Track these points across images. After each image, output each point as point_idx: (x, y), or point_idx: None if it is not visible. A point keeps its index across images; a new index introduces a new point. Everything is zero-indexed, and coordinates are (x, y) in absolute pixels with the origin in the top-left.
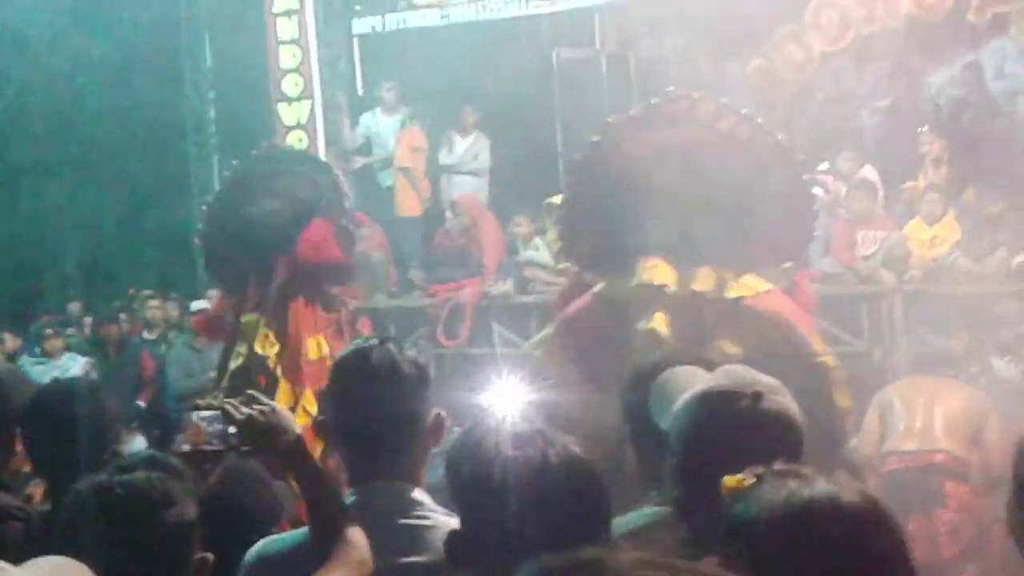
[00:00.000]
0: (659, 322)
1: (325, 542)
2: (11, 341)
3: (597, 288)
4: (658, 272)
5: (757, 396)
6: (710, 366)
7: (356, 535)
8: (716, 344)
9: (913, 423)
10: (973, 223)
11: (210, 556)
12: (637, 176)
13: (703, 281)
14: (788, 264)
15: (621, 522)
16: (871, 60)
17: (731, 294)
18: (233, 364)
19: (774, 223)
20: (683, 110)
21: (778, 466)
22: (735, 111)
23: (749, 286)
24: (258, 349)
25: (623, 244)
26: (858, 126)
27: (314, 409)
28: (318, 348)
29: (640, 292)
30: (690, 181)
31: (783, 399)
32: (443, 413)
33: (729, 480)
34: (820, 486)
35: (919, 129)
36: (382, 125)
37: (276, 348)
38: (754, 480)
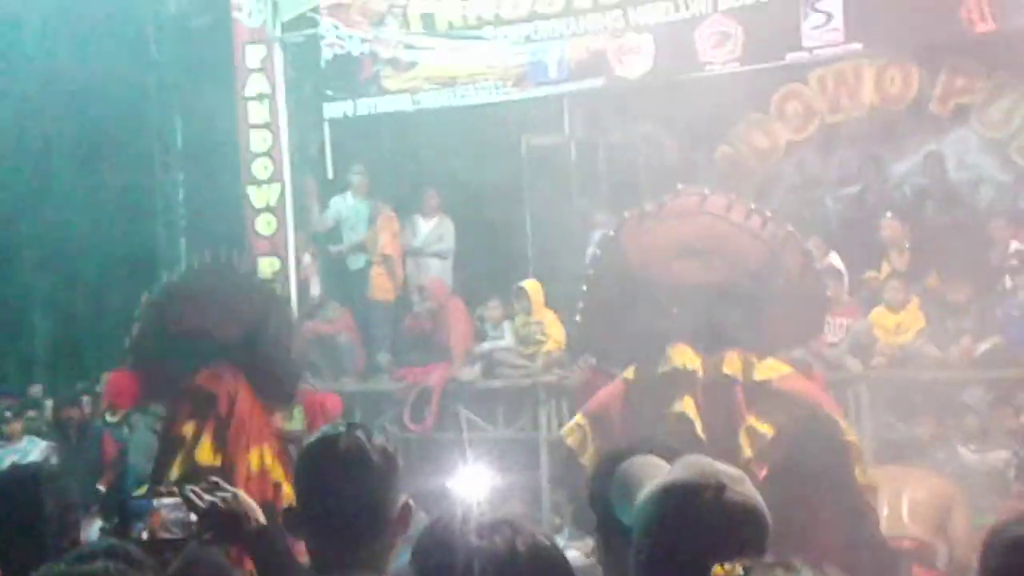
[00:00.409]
0: (688, 405)
1: None
2: None
3: (625, 375)
4: (686, 357)
5: (720, 488)
6: (673, 453)
7: None
8: (746, 423)
9: (880, 510)
10: (937, 310)
11: None
12: (656, 266)
13: (731, 364)
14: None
15: None
16: (836, 149)
17: (759, 376)
18: (175, 473)
19: (789, 308)
20: (695, 203)
21: (768, 559)
22: (745, 203)
23: (774, 368)
24: (200, 459)
25: (646, 333)
26: (823, 213)
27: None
28: (260, 459)
29: (669, 377)
30: (709, 270)
31: (746, 489)
32: (411, 502)
33: (718, 570)
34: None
35: (884, 216)
36: (352, 209)
37: (219, 460)
38: (742, 572)
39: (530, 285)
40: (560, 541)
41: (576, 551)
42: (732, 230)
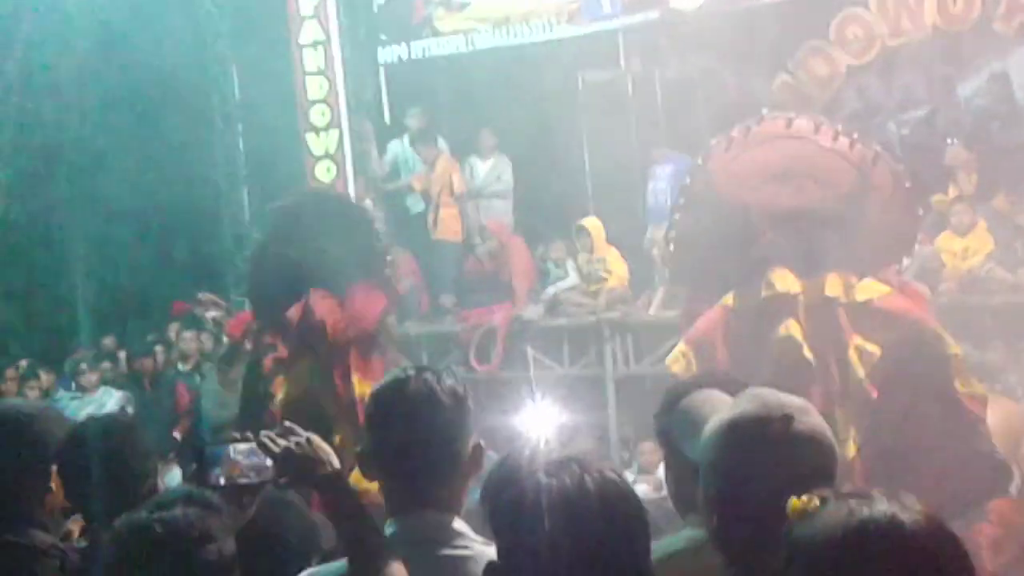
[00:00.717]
0: (794, 328)
1: (363, 571)
2: (46, 377)
3: (725, 301)
4: (788, 282)
5: (787, 419)
6: (737, 386)
7: (395, 568)
8: (854, 344)
9: None
10: (1005, 233)
11: None
12: (747, 192)
13: (832, 287)
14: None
15: (658, 546)
16: (897, 73)
17: (861, 297)
18: (280, 401)
19: (882, 229)
20: (781, 127)
21: (846, 489)
22: (831, 124)
23: (874, 288)
24: (303, 386)
25: (742, 259)
26: (886, 139)
27: None
28: (361, 387)
29: (771, 302)
30: (800, 194)
31: (812, 419)
32: (482, 442)
33: (795, 503)
34: (880, 506)
35: (947, 141)
36: (409, 152)
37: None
38: (818, 503)
39: (591, 223)
40: (629, 476)
41: (645, 485)
42: (820, 152)
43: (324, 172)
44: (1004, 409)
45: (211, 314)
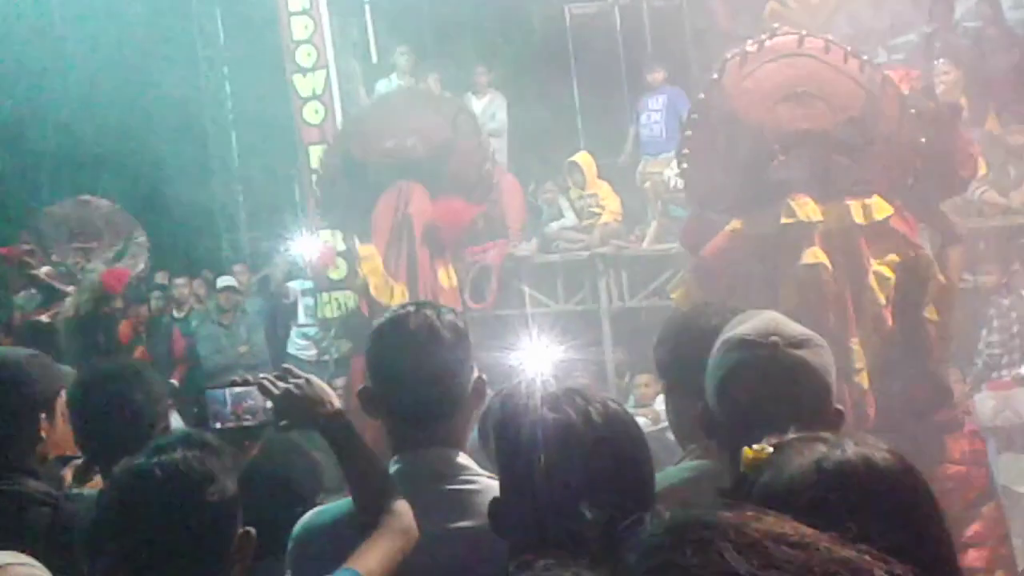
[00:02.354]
0: (819, 255)
1: (369, 513)
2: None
3: (732, 226)
4: (809, 208)
5: (774, 345)
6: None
7: (400, 505)
8: (872, 269)
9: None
10: (997, 155)
11: (253, 531)
12: (760, 110)
13: (857, 213)
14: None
15: (660, 476)
16: None
17: (879, 216)
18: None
19: (888, 154)
20: (794, 43)
21: (794, 435)
22: (840, 45)
23: (884, 208)
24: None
25: (754, 180)
26: (877, 64)
27: None
28: (447, 276)
29: (790, 229)
30: (813, 115)
31: (809, 352)
32: (484, 376)
33: (748, 452)
34: (851, 448)
35: (935, 61)
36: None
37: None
38: (771, 450)
39: (582, 158)
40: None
41: (643, 419)
42: (832, 73)
43: (312, 114)
44: None
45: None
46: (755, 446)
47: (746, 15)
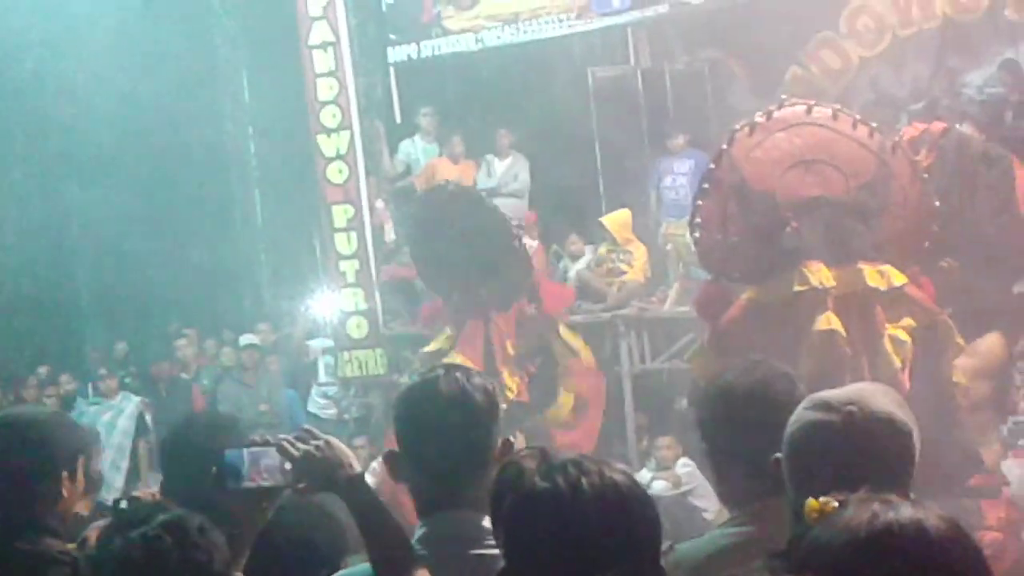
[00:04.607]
0: (834, 321)
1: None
2: (67, 383)
3: (748, 295)
4: (823, 275)
5: (849, 415)
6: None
7: (420, 573)
8: (887, 334)
9: None
10: None
11: None
12: (771, 179)
13: (873, 278)
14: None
15: (705, 540)
16: (909, 63)
17: (897, 282)
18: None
19: (902, 218)
20: (802, 113)
21: (862, 493)
22: (849, 113)
23: (899, 276)
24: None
25: (770, 249)
26: (888, 130)
27: None
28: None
29: (804, 296)
30: (824, 182)
31: (883, 428)
32: (512, 439)
33: (813, 503)
34: (905, 510)
35: (956, 126)
36: (422, 151)
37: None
38: (837, 504)
39: (620, 215)
40: (646, 473)
41: (663, 482)
42: (841, 140)
43: (336, 174)
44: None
45: None
46: (821, 498)
47: (769, 79)
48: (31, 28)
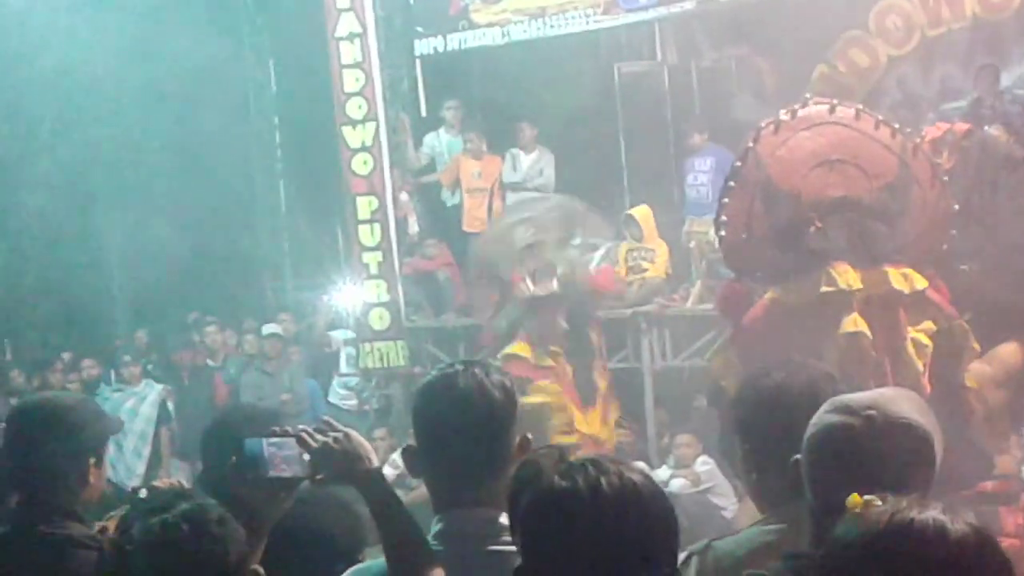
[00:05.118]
0: (860, 323)
1: (401, 572)
2: (91, 367)
3: (771, 295)
4: (849, 277)
5: (869, 419)
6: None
7: (435, 573)
8: (910, 337)
9: None
10: None
11: (261, 570)
12: (795, 178)
13: (897, 280)
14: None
15: (743, 538)
16: (937, 63)
17: (919, 286)
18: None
19: (923, 220)
20: (825, 112)
21: (909, 496)
22: (871, 113)
23: (920, 279)
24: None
25: (792, 249)
26: (909, 132)
27: None
28: None
29: (829, 297)
30: (847, 182)
31: (902, 432)
32: (529, 436)
33: (855, 498)
34: (930, 512)
35: (986, 127)
36: (446, 145)
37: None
38: (880, 502)
39: (640, 211)
40: (665, 470)
41: (682, 480)
42: (864, 140)
43: (360, 165)
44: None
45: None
46: (867, 496)
47: (796, 77)
48: (57, 20)
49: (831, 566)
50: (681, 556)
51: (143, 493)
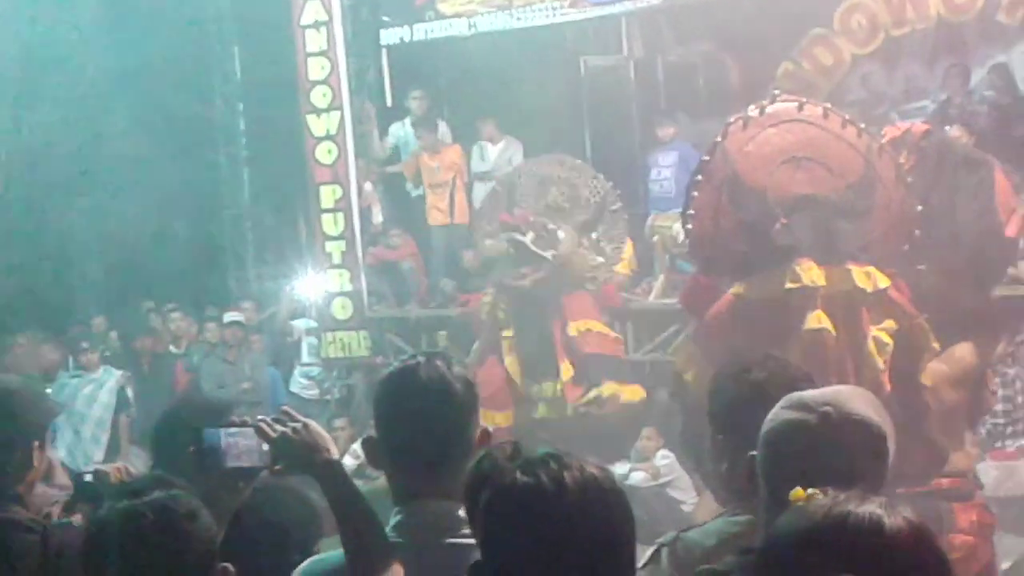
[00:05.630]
0: (824, 320)
1: (358, 564)
2: (50, 353)
3: (735, 290)
4: (814, 274)
5: (824, 415)
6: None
7: (394, 568)
8: (871, 335)
9: None
10: None
11: (231, 567)
12: (762, 174)
13: (861, 279)
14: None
15: (711, 528)
16: (902, 63)
17: (882, 285)
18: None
19: (886, 221)
20: (793, 110)
21: (852, 491)
22: (838, 112)
23: (883, 277)
24: None
25: (758, 244)
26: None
27: None
28: None
29: (794, 294)
30: (814, 180)
31: (856, 430)
32: (490, 428)
33: (799, 492)
34: (867, 506)
35: (946, 127)
36: (411, 135)
37: None
38: (822, 496)
39: None
40: (625, 464)
41: (642, 473)
42: (830, 139)
43: (325, 154)
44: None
45: None
46: (809, 490)
47: (761, 74)
48: (18, 2)
49: (770, 558)
50: (650, 549)
51: (88, 477)
